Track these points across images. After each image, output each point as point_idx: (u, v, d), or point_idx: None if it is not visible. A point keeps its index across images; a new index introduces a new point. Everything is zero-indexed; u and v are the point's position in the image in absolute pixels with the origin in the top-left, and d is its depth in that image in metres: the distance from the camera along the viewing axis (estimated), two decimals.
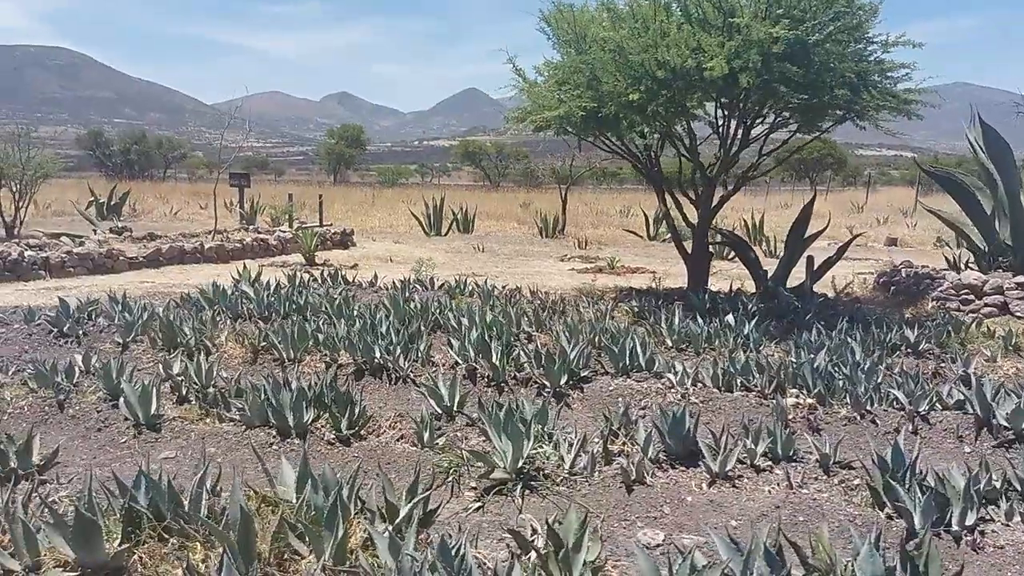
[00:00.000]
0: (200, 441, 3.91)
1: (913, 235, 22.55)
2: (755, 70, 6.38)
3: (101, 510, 2.56)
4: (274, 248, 12.84)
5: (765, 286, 8.17)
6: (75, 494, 3.02)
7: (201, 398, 4.27)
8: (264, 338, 5.51)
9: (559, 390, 4.80)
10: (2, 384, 4.49)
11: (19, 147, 12.79)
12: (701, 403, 4.60)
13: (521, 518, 3.16)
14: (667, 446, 3.68)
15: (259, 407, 3.96)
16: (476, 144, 66.79)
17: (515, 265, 13.03)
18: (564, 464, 3.51)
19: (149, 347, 5.58)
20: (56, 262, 9.13)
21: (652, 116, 7.24)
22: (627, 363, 5.07)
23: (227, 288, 7.03)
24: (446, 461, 3.62)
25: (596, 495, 3.34)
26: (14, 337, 5.73)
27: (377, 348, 5.18)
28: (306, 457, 2.88)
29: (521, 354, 5.17)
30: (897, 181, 62.10)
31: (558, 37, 8.26)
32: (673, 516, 3.20)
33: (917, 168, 48.90)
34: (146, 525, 2.57)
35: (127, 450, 3.83)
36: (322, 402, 4.08)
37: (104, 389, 4.35)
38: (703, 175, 7.94)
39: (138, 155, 53.79)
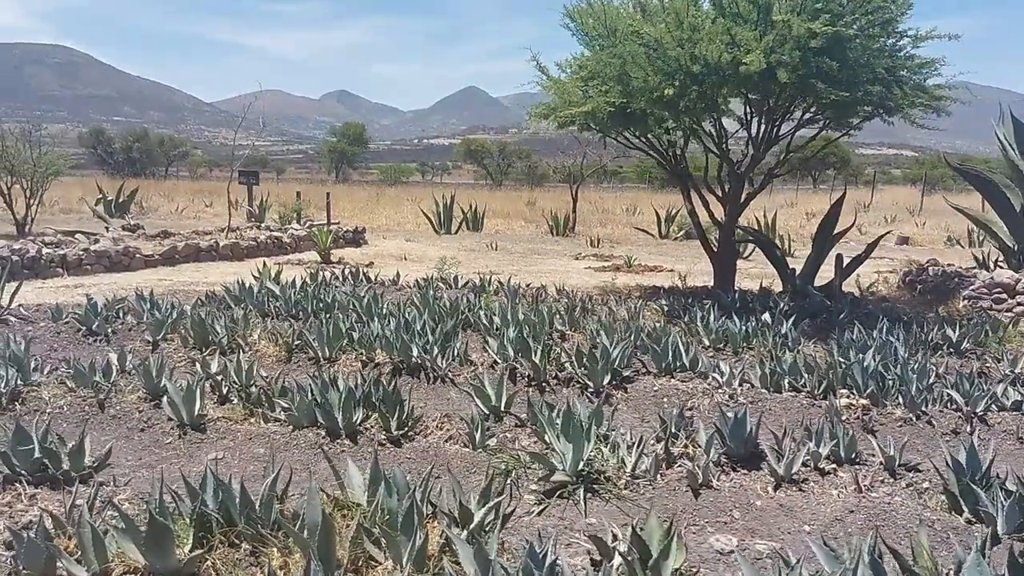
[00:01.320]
0: (247, 442, 3.83)
1: (923, 234, 22.48)
2: (793, 65, 6.30)
3: (170, 514, 2.47)
4: (288, 246, 12.75)
5: (793, 285, 8.09)
6: (133, 497, 2.93)
7: (244, 398, 4.18)
8: (298, 336, 5.42)
9: (602, 390, 4.72)
10: (39, 383, 4.39)
11: (30, 145, 12.68)
12: (750, 404, 4.50)
13: (588, 523, 3.08)
14: (728, 448, 3.59)
15: (307, 407, 3.87)
16: (479, 142, 66.71)
17: (530, 263, 12.94)
18: (625, 466, 3.42)
19: (180, 346, 5.49)
20: (73, 260, 9.04)
21: (683, 112, 7.16)
22: (670, 362, 4.98)
23: (254, 286, 6.94)
24: (503, 463, 3.53)
25: (661, 499, 3.25)
26: (42, 335, 5.64)
27: (415, 347, 5.09)
28: (377, 459, 2.79)
29: (562, 353, 5.08)
30: (899, 180, 62.03)
31: (583, 32, 8.18)
32: (743, 521, 3.11)
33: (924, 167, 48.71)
34: (217, 530, 2.48)
35: (173, 451, 3.74)
36: (370, 402, 3.99)
37: (144, 388, 4.26)
38: (732, 172, 7.85)
39: (140, 153, 53.63)
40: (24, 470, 3.07)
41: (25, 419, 4.05)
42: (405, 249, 14.55)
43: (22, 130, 13.20)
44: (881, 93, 6.84)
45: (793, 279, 8.14)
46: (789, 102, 7.45)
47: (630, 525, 3.07)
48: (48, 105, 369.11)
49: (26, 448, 3.07)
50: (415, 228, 20.59)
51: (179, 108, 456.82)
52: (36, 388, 4.33)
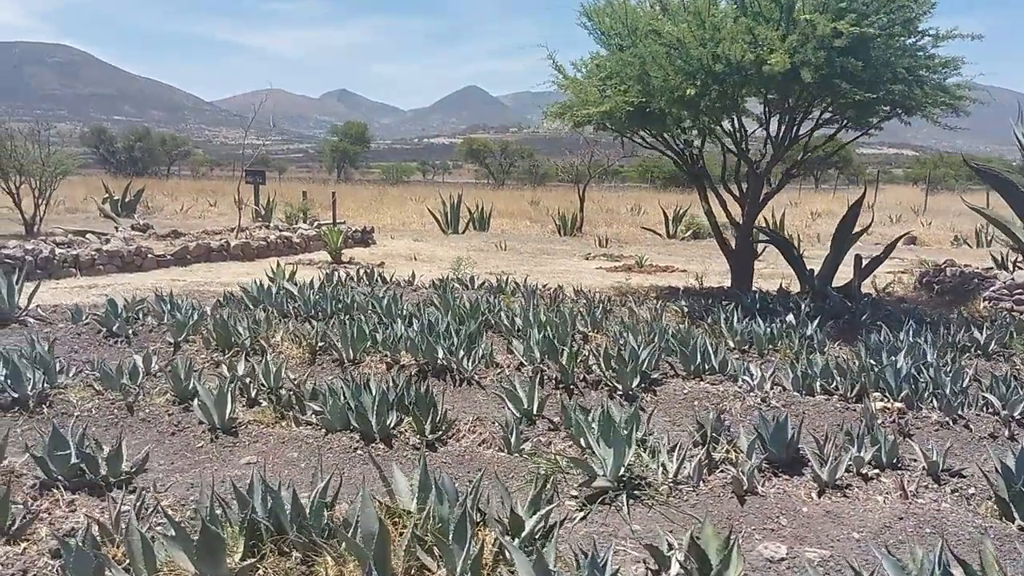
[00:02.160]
0: (280, 446, 3.78)
1: (929, 233, 22.45)
2: (817, 65, 6.26)
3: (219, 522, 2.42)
4: (297, 246, 12.70)
5: (811, 285, 8.04)
6: (175, 503, 2.89)
7: (274, 401, 4.13)
8: (322, 338, 5.37)
9: (632, 393, 4.67)
10: (65, 386, 4.34)
11: (39, 144, 12.63)
12: (783, 407, 4.46)
13: (633, 529, 3.03)
14: (769, 454, 3.55)
15: (340, 411, 3.82)
16: (480, 142, 66.64)
17: (541, 263, 12.89)
18: (667, 472, 3.37)
19: (202, 347, 5.44)
20: (86, 260, 8.99)
21: (704, 111, 7.12)
22: (699, 365, 4.93)
23: (271, 287, 6.89)
24: (543, 468, 3.48)
25: (706, 505, 3.20)
26: (63, 337, 5.59)
27: (440, 349, 5.04)
28: (426, 465, 2.74)
29: (589, 355, 5.04)
30: (900, 179, 61.90)
31: (600, 31, 8.14)
32: (791, 528, 3.07)
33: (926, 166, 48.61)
34: (267, 538, 2.43)
35: (205, 455, 3.70)
36: (403, 405, 3.95)
37: (173, 391, 4.21)
38: (751, 171, 7.81)
39: (142, 152, 53.59)
40: (61, 475, 3.03)
41: (54, 422, 4.02)
42: (414, 249, 14.50)
43: (31, 129, 13.15)
44: (903, 92, 6.80)
45: (811, 280, 8.10)
46: (809, 102, 7.41)
47: (676, 532, 3.06)
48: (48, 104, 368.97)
49: (63, 453, 3.02)
50: (421, 228, 20.54)
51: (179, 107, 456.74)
52: (63, 391, 4.29)
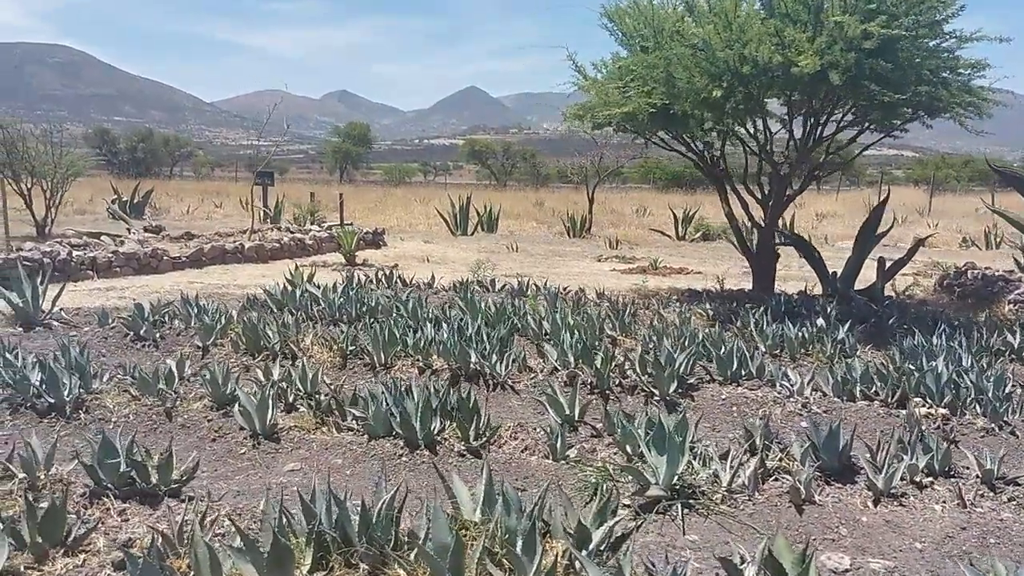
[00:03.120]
0: (323, 452, 3.73)
1: (936, 235, 22.43)
2: (846, 67, 6.22)
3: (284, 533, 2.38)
4: (310, 248, 12.65)
5: (833, 288, 8.00)
6: (231, 512, 2.84)
7: (314, 406, 4.09)
8: (352, 342, 5.32)
9: (669, 398, 4.62)
10: (100, 391, 4.29)
11: (51, 146, 12.58)
12: (824, 413, 4.42)
13: (690, 540, 2.99)
14: (821, 461, 3.50)
15: (383, 417, 3.78)
16: (483, 143, 66.64)
17: (554, 265, 12.85)
18: (720, 481, 3.33)
19: (231, 351, 5.40)
20: (103, 262, 8.95)
21: (729, 113, 7.09)
22: (736, 370, 4.89)
23: (295, 290, 6.85)
24: (593, 476, 3.43)
25: (763, 515, 3.16)
26: (89, 341, 5.54)
27: (473, 353, 5.00)
28: (491, 474, 2.69)
29: (624, 360, 4.99)
30: (901, 180, 61.78)
31: (622, 32, 8.10)
32: (852, 538, 3.02)
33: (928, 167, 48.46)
34: (334, 550, 2.39)
35: (248, 461, 3.65)
36: (446, 411, 3.90)
37: (211, 397, 4.17)
38: (774, 173, 7.76)
39: (145, 153, 53.55)
40: (111, 483, 2.98)
41: (91, 428, 3.98)
42: (425, 251, 14.46)
43: (42, 131, 13.11)
44: (929, 94, 6.77)
45: (833, 283, 8.06)
46: (833, 103, 7.37)
47: (734, 542, 3.01)
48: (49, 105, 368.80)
49: (113, 461, 2.98)
50: (428, 229, 20.49)
51: (180, 108, 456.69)
52: (98, 396, 4.24)
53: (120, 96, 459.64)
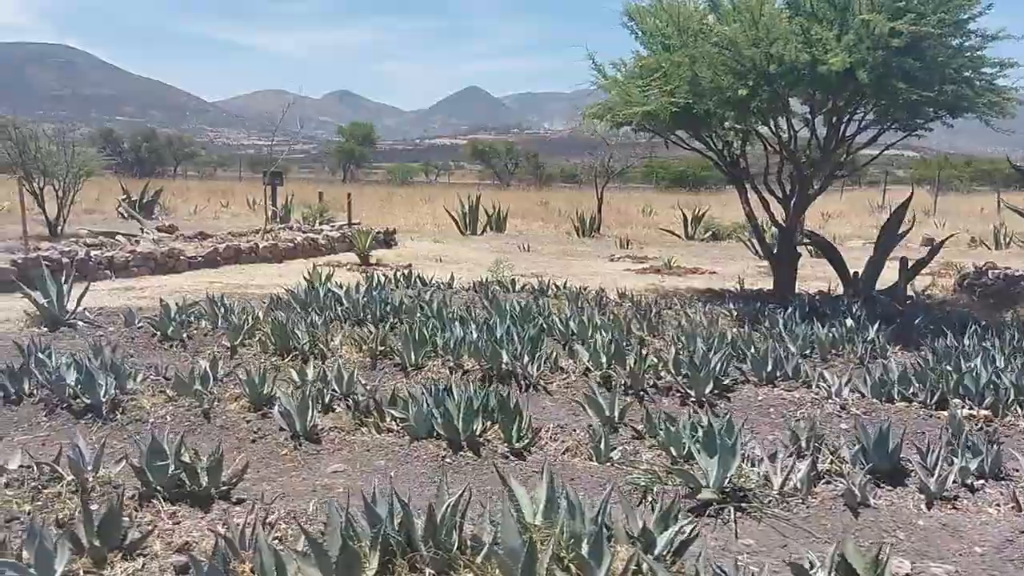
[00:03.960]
0: (365, 453, 3.70)
1: (944, 234, 22.36)
2: (874, 65, 6.18)
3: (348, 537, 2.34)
4: (323, 247, 12.63)
5: (855, 288, 7.96)
6: (286, 515, 2.81)
7: (352, 407, 4.05)
8: (382, 342, 5.29)
9: (704, 400, 4.59)
10: (135, 391, 4.26)
11: (63, 145, 12.55)
12: (864, 415, 4.38)
13: (745, 544, 2.95)
14: (872, 464, 3.46)
15: (424, 417, 3.74)
16: (486, 143, 66.67)
17: (568, 265, 12.81)
18: (770, 483, 3.29)
19: (260, 351, 5.36)
20: (120, 262, 8.92)
21: (754, 112, 7.05)
22: (771, 371, 4.85)
23: (320, 290, 6.81)
24: (643, 479, 3.40)
25: (818, 518, 3.12)
26: (116, 341, 5.50)
27: (504, 353, 4.96)
28: (552, 477, 2.65)
29: (659, 361, 4.95)
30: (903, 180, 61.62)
31: (643, 31, 8.06)
32: (909, 542, 2.98)
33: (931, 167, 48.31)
34: (399, 554, 2.35)
35: (290, 463, 3.61)
36: (487, 412, 3.87)
37: (248, 397, 4.13)
38: (798, 172, 7.72)
39: (149, 153, 53.54)
40: (160, 486, 2.94)
41: (128, 429, 3.94)
42: (436, 251, 14.43)
43: (55, 130, 13.08)
44: (955, 92, 6.74)
45: (855, 283, 8.02)
46: (857, 102, 7.33)
47: (791, 547, 2.97)
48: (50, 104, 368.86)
49: (162, 463, 2.94)
50: (436, 229, 20.45)
51: (181, 108, 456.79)
52: (134, 396, 4.20)
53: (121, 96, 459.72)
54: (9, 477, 2.96)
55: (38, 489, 2.91)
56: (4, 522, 2.73)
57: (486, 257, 13.90)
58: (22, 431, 3.86)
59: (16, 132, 12.04)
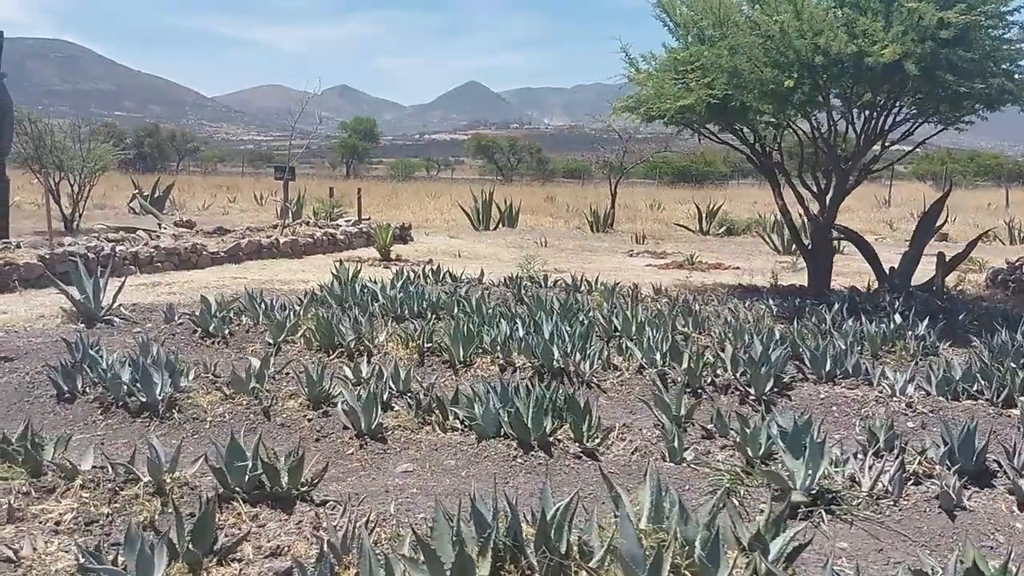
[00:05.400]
0: (433, 453, 3.61)
1: (957, 229, 22.26)
2: (921, 56, 6.08)
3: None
4: (341, 243, 12.53)
5: (891, 284, 7.87)
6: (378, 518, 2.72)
7: (414, 405, 3.96)
8: (428, 338, 5.20)
9: (764, 398, 4.50)
10: (189, 389, 4.16)
11: (79, 140, 12.44)
12: (931, 413, 4.30)
13: (840, 547, 2.86)
14: (959, 464, 3.37)
15: (492, 416, 3.65)
16: (489, 138, 66.52)
17: (588, 260, 12.72)
18: (859, 485, 3.20)
19: (303, 348, 5.27)
20: (145, 257, 8.82)
21: (796, 105, 6.96)
22: (831, 368, 4.76)
23: (356, 286, 6.72)
24: (726, 480, 3.31)
25: (912, 521, 3.03)
26: (158, 337, 5.41)
27: (556, 350, 4.87)
28: (660, 482, 2.56)
29: (716, 359, 4.86)
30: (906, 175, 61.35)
31: (676, 23, 7.96)
32: (1009, 545, 2.89)
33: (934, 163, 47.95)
34: (508, 559, 2.26)
35: (358, 463, 3.52)
36: (556, 410, 3.78)
37: (306, 395, 4.04)
38: (836, 166, 7.62)
39: (152, 148, 53.36)
40: (239, 487, 2.85)
41: (186, 427, 3.86)
42: (453, 246, 14.33)
43: (70, 125, 12.96)
44: (1000, 85, 6.65)
45: (891, 278, 7.93)
46: (898, 95, 7.23)
47: (886, 550, 2.89)
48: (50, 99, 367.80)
49: (241, 464, 2.85)
50: (445, 224, 20.34)
51: (180, 103, 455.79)
52: (188, 394, 4.11)
53: (120, 91, 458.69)
54: (84, 478, 2.87)
55: (114, 491, 2.82)
56: (84, 525, 2.64)
57: (504, 252, 13.81)
58: (79, 430, 3.77)
59: (32, 127, 11.94)
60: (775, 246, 14.85)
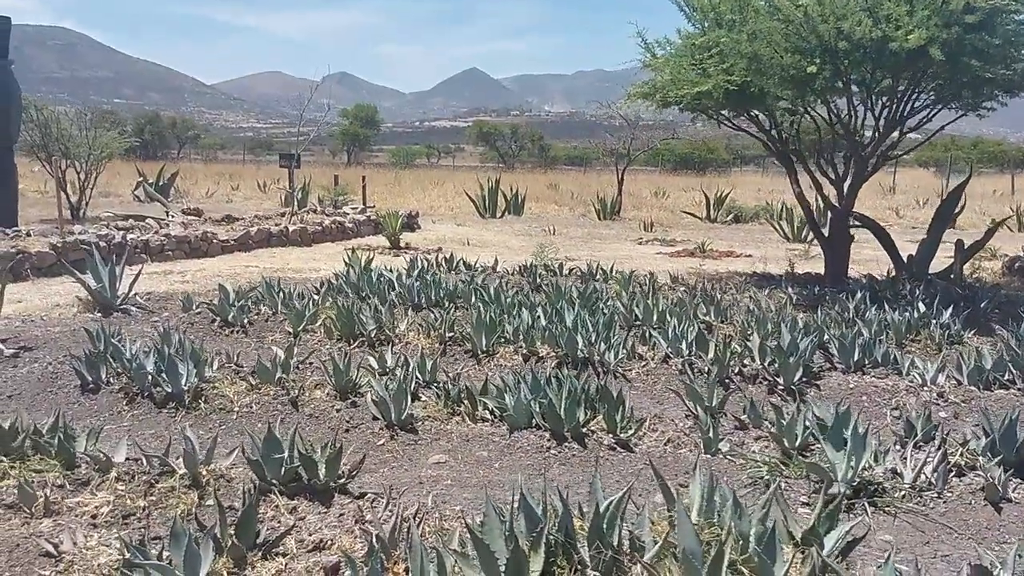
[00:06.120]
0: (465, 444, 3.56)
1: (963, 217, 22.16)
2: (946, 41, 6.00)
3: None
4: (350, 231, 12.45)
5: (909, 272, 7.81)
6: (415, 512, 2.67)
7: (443, 395, 3.91)
8: (450, 328, 5.15)
9: (793, 388, 4.45)
10: (213, 379, 4.11)
11: (85, 127, 12.34)
12: (963, 402, 4.25)
13: (884, 540, 2.82)
14: (1000, 455, 3.32)
15: (524, 407, 3.60)
16: (491, 125, 66.25)
17: (597, 248, 12.64)
18: (901, 477, 3.15)
19: (324, 337, 5.22)
20: (156, 245, 8.76)
21: (816, 91, 6.88)
22: (859, 358, 4.71)
23: (372, 274, 6.66)
24: (764, 472, 3.26)
25: (957, 513, 2.98)
26: (176, 327, 5.35)
27: (580, 339, 4.82)
28: (712, 475, 2.52)
29: (743, 348, 4.81)
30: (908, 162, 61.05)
31: (692, 7, 7.86)
32: None
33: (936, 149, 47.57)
34: (560, 555, 2.22)
35: (389, 453, 3.48)
36: (588, 401, 3.73)
37: (333, 385, 3.99)
38: (856, 153, 7.54)
39: (152, 136, 53.10)
40: (275, 479, 2.81)
41: (213, 418, 3.81)
42: (461, 234, 14.26)
43: (76, 112, 12.85)
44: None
45: (909, 266, 7.87)
46: (917, 81, 7.14)
47: (932, 543, 2.84)
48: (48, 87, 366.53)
49: (278, 456, 2.80)
50: (450, 212, 20.25)
51: (179, 90, 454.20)
52: (214, 384, 4.06)
53: (119, 78, 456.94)
54: (118, 470, 2.82)
55: (150, 484, 2.78)
56: (122, 518, 2.60)
57: (513, 240, 13.73)
58: (104, 421, 3.72)
59: (39, 114, 11.84)
60: (784, 234, 14.78)
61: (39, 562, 2.32)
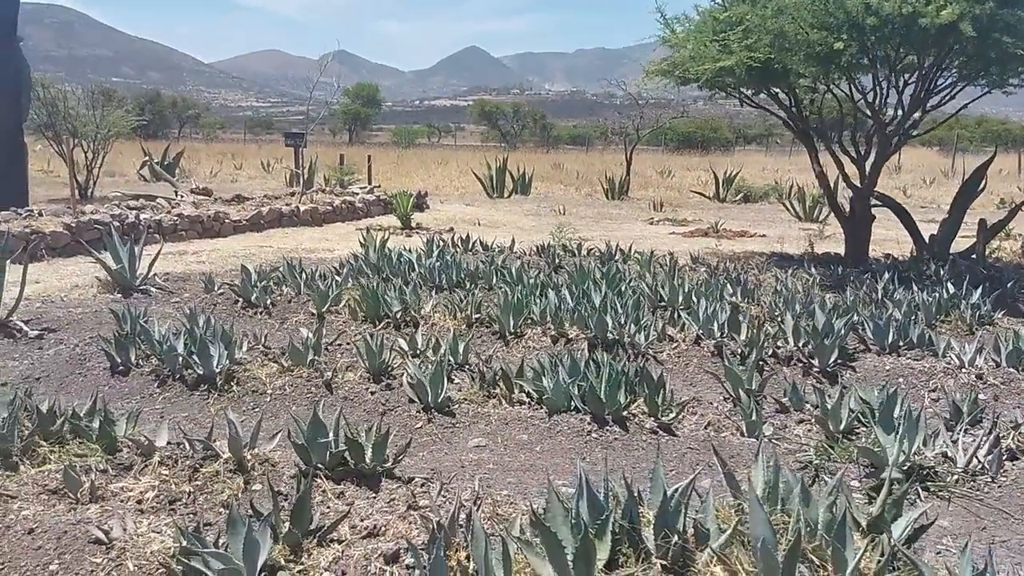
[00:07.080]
0: (504, 427, 3.51)
1: None
2: (978, 17, 5.89)
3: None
4: (360, 211, 12.35)
5: (931, 252, 7.73)
6: (472, 496, 2.62)
7: (478, 378, 3.85)
8: (476, 308, 5.08)
9: (829, 370, 4.39)
10: (243, 361, 4.05)
11: (94, 106, 12.21)
12: (1002, 384, 4.20)
13: (941, 525, 2.77)
14: None
15: (564, 390, 3.55)
16: (492, 104, 65.81)
17: (608, 228, 12.55)
18: (954, 461, 3.10)
19: (349, 318, 5.16)
20: (168, 225, 8.67)
21: (842, 68, 6.77)
22: (894, 339, 4.65)
23: (392, 255, 6.59)
24: (813, 455, 3.21)
25: (1014, 499, 2.93)
26: (199, 307, 5.28)
27: (610, 320, 4.76)
28: (777, 461, 2.46)
29: (775, 329, 4.75)
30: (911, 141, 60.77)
31: None
32: None
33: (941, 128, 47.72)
34: (626, 543, 2.17)
35: (428, 437, 3.42)
36: (628, 384, 3.67)
37: (366, 368, 3.94)
38: (880, 132, 7.44)
39: (152, 115, 52.78)
40: (321, 463, 2.75)
41: (246, 400, 3.75)
42: (471, 214, 14.16)
43: (84, 91, 12.71)
44: None
45: (931, 246, 7.79)
46: (943, 58, 7.03)
47: (989, 529, 2.79)
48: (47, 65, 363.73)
49: (324, 440, 2.75)
50: (456, 192, 20.14)
51: (178, 68, 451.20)
52: (245, 366, 4.00)
53: (117, 57, 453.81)
54: (161, 455, 2.77)
55: (194, 468, 2.72)
56: (168, 504, 2.55)
57: (523, 220, 13.64)
58: (136, 403, 3.66)
59: (46, 92, 11.71)
60: (796, 213, 14.68)
61: (89, 549, 2.27)
